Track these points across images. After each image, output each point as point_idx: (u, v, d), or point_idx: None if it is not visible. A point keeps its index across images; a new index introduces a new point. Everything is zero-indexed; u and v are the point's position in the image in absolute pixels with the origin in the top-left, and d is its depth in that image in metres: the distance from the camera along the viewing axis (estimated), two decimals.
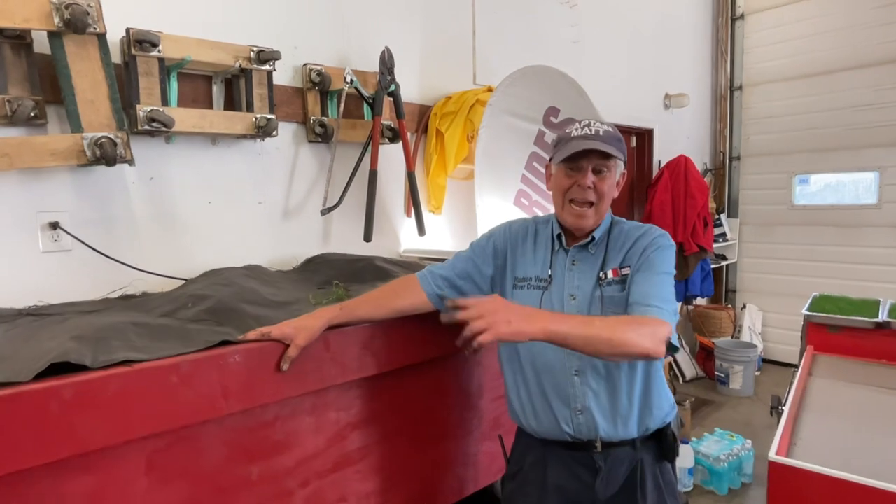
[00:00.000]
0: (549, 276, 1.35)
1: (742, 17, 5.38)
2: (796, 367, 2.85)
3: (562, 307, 1.32)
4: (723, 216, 5.34)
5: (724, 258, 5.30)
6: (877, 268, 4.73)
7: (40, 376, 0.95)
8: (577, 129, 1.31)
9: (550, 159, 1.39)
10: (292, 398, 1.27)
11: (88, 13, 1.54)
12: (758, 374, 4.82)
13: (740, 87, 5.43)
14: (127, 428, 1.01)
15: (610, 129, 1.32)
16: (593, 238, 1.35)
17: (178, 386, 1.06)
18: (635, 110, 4.32)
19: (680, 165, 4.38)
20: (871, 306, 2.95)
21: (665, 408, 1.37)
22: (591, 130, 1.29)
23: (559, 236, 1.39)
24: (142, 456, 1.07)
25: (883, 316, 2.75)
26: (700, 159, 5.19)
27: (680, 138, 4.91)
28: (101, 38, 1.59)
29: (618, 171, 1.35)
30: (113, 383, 0.99)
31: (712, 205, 4.93)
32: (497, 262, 1.44)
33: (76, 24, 1.52)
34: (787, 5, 5.11)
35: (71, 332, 1.15)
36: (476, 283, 1.43)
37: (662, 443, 1.36)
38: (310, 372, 1.26)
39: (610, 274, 1.31)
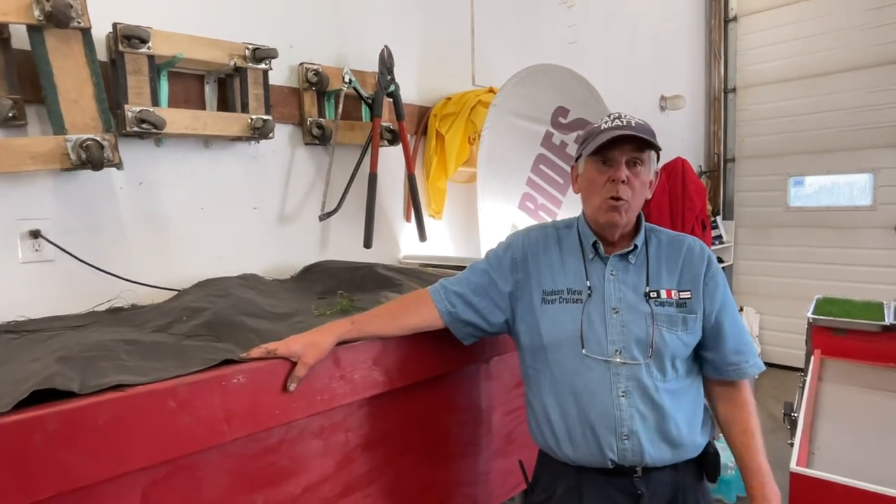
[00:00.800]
0: (590, 288, 1.26)
1: (735, 18, 5.39)
2: (801, 370, 2.82)
3: (603, 321, 1.23)
4: (718, 218, 5.34)
5: (720, 261, 5.28)
6: (872, 269, 4.74)
7: (21, 405, 0.85)
8: (606, 122, 1.23)
9: (577, 158, 1.30)
10: (299, 420, 1.17)
11: (72, 6, 1.44)
12: (756, 377, 4.78)
13: (734, 90, 5.44)
14: (120, 460, 0.91)
15: (641, 121, 1.24)
16: (636, 246, 1.27)
17: (177, 411, 0.97)
18: (631, 111, 4.23)
19: (677, 168, 4.35)
20: (876, 309, 2.94)
21: (707, 427, 1.30)
22: (622, 122, 1.22)
23: (595, 244, 1.29)
24: (136, 490, 0.97)
25: (889, 318, 2.73)
26: (694, 161, 5.17)
27: (675, 140, 4.88)
28: (86, 33, 1.50)
29: (652, 168, 1.27)
30: (104, 411, 0.90)
31: (708, 207, 4.91)
32: (516, 276, 1.33)
33: (58, 18, 1.42)
34: (780, 7, 5.12)
35: (55, 352, 1.06)
36: (492, 298, 1.34)
37: (705, 463, 1.28)
38: (318, 391, 1.17)
39: (664, 294, 1.25)
